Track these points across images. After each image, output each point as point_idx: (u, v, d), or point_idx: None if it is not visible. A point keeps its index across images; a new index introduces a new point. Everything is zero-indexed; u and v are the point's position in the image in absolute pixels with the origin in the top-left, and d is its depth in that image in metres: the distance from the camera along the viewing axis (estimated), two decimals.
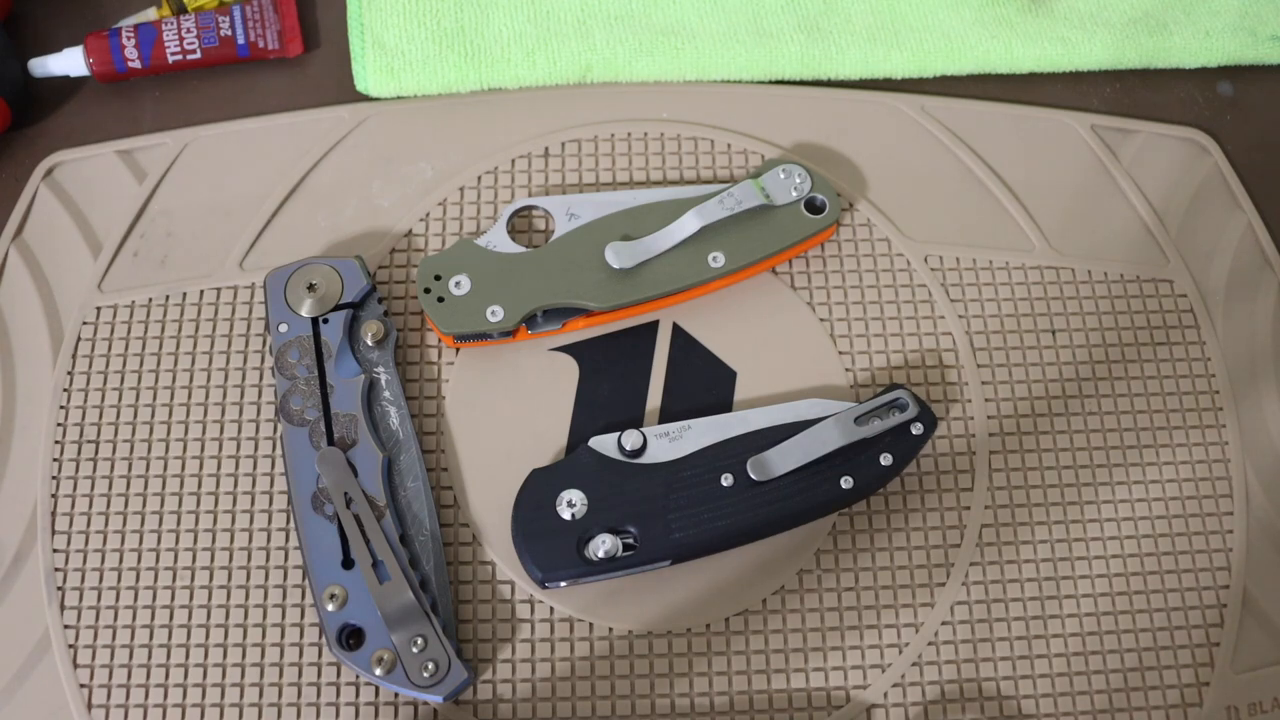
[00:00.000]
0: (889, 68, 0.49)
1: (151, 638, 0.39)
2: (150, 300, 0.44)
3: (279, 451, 0.42)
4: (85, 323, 0.44)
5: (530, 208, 0.45)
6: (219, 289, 0.44)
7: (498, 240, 0.43)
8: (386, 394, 0.42)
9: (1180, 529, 0.42)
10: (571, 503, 0.39)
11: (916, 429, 0.40)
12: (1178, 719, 0.39)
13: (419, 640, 0.37)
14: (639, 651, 0.39)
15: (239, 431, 0.42)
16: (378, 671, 0.36)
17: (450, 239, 0.45)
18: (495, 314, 0.42)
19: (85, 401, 0.43)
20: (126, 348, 0.43)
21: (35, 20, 0.51)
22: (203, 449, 0.42)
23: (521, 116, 0.48)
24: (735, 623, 0.40)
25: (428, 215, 0.46)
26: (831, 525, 0.41)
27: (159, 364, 0.43)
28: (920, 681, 0.39)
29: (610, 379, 0.43)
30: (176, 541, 0.40)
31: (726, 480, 0.39)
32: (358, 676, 0.39)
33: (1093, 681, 0.39)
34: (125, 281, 0.45)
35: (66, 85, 0.49)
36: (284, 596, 0.40)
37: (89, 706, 0.38)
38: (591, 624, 0.40)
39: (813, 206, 0.45)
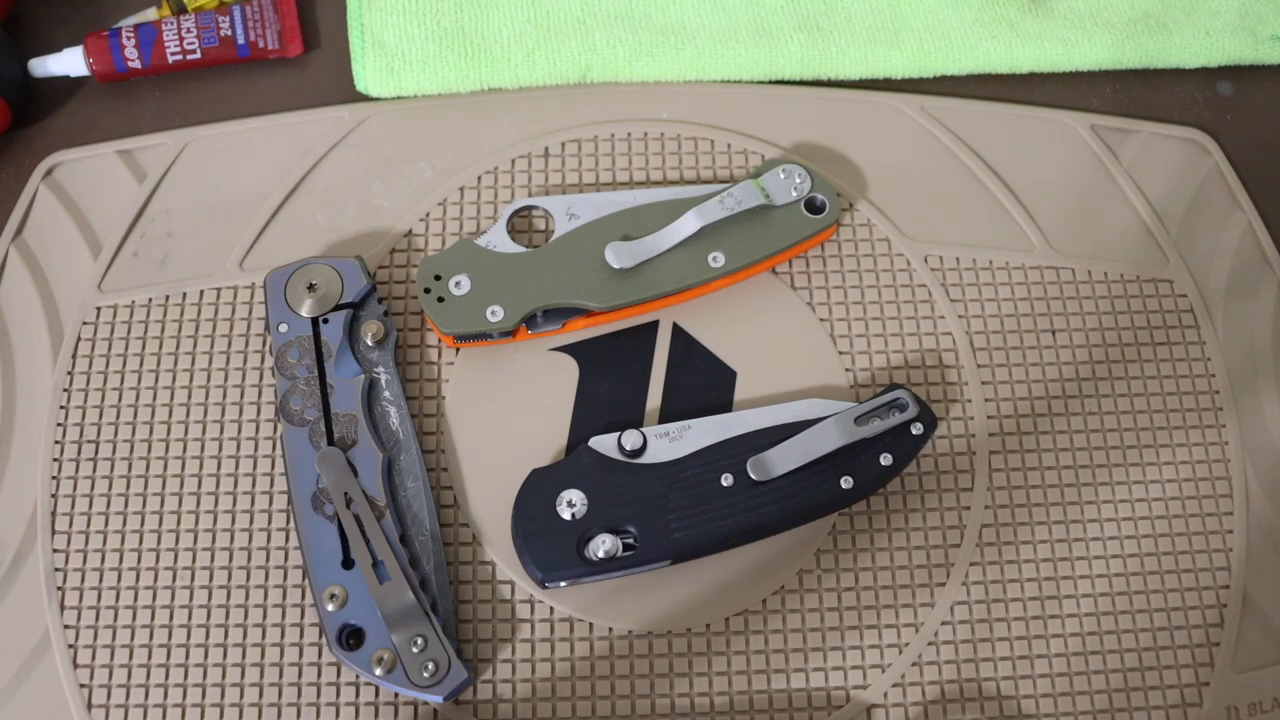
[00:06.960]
0: (889, 68, 0.49)
1: (151, 638, 0.39)
2: (150, 300, 0.44)
3: (279, 451, 0.42)
4: (85, 323, 0.44)
5: (530, 208, 0.45)
6: (219, 289, 0.44)
7: (498, 240, 0.43)
8: (386, 394, 0.42)
9: (1180, 529, 0.42)
10: (571, 503, 0.39)
11: (916, 429, 0.40)
12: (1178, 719, 0.39)
13: (419, 640, 0.37)
14: (639, 651, 0.39)
15: (239, 431, 0.42)
16: (378, 671, 0.36)
17: (450, 239, 0.45)
18: (495, 314, 0.42)
19: (85, 401, 0.43)
20: (126, 348, 0.43)
21: (35, 20, 0.51)
22: (203, 449, 0.42)
23: (521, 116, 0.48)
24: (735, 623, 0.40)
25: (428, 215, 0.46)
26: (831, 525, 0.41)
27: (159, 364, 0.43)
28: (920, 681, 0.39)
29: (610, 379, 0.43)
30: (176, 541, 0.40)
31: (726, 480, 0.39)
32: (358, 676, 0.39)
33: (1093, 681, 0.39)
34: (125, 281, 0.45)
35: (66, 85, 0.49)
36: (284, 596, 0.40)
37: (89, 706, 0.38)
38: (591, 624, 0.40)
39: (813, 206, 0.45)
